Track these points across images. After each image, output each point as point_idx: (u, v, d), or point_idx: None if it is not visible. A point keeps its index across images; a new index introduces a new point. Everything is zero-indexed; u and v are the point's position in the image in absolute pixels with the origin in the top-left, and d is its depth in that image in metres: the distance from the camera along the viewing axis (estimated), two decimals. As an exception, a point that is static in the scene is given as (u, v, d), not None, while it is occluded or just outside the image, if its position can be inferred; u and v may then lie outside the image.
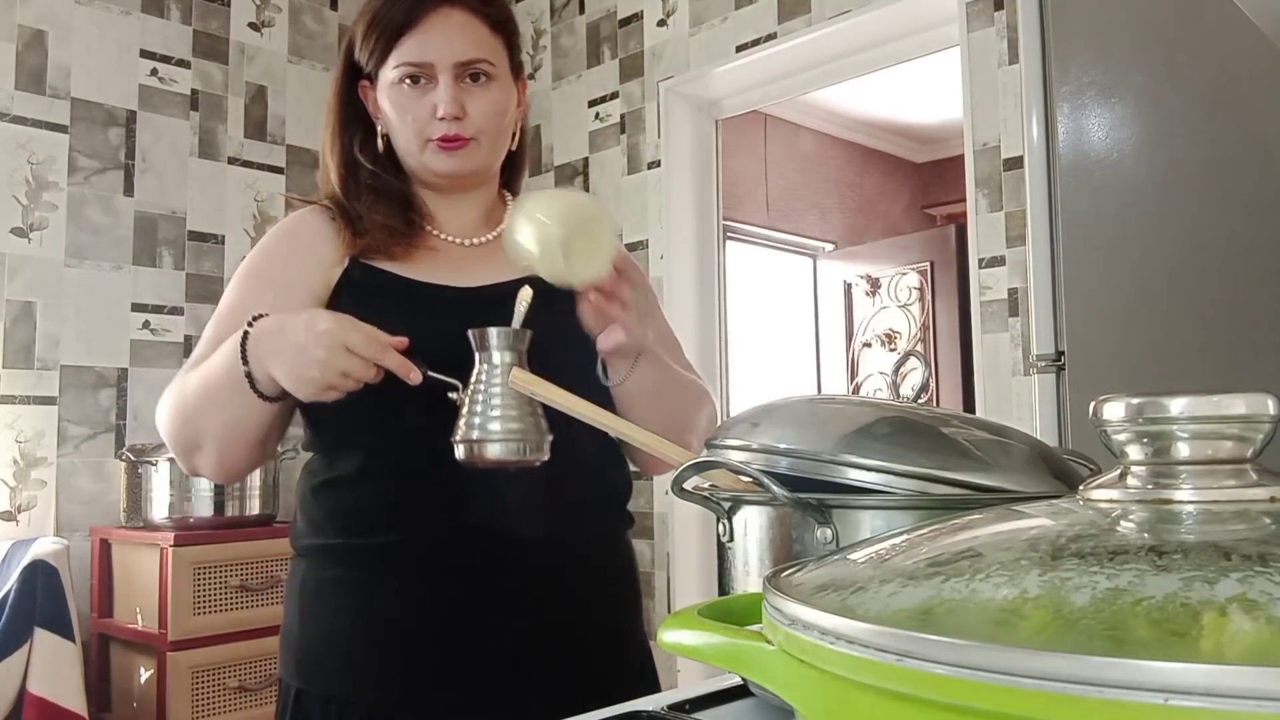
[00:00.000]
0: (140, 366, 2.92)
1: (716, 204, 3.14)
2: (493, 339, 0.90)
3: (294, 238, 1.08)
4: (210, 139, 3.11)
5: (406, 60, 1.04)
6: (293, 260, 1.06)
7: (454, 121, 1.04)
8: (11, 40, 2.74)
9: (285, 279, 1.05)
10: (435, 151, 1.06)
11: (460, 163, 1.07)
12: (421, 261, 1.08)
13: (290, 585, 1.10)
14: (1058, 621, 0.28)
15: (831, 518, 0.58)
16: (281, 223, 1.11)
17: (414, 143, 1.06)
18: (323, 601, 1.05)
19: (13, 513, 2.67)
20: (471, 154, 1.07)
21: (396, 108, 1.06)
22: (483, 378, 0.90)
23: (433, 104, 1.04)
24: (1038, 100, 1.61)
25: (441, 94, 1.04)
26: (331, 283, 1.05)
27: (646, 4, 3.08)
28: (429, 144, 1.06)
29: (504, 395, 0.88)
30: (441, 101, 1.04)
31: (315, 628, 1.06)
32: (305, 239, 1.07)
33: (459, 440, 0.89)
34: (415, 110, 1.05)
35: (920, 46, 2.65)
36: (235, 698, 2.56)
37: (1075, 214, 1.56)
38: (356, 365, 0.87)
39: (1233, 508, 0.34)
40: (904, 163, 5.26)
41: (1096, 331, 1.55)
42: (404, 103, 1.05)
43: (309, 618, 1.06)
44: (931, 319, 4.27)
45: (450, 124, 1.04)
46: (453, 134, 1.05)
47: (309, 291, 1.04)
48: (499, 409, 0.88)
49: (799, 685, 0.34)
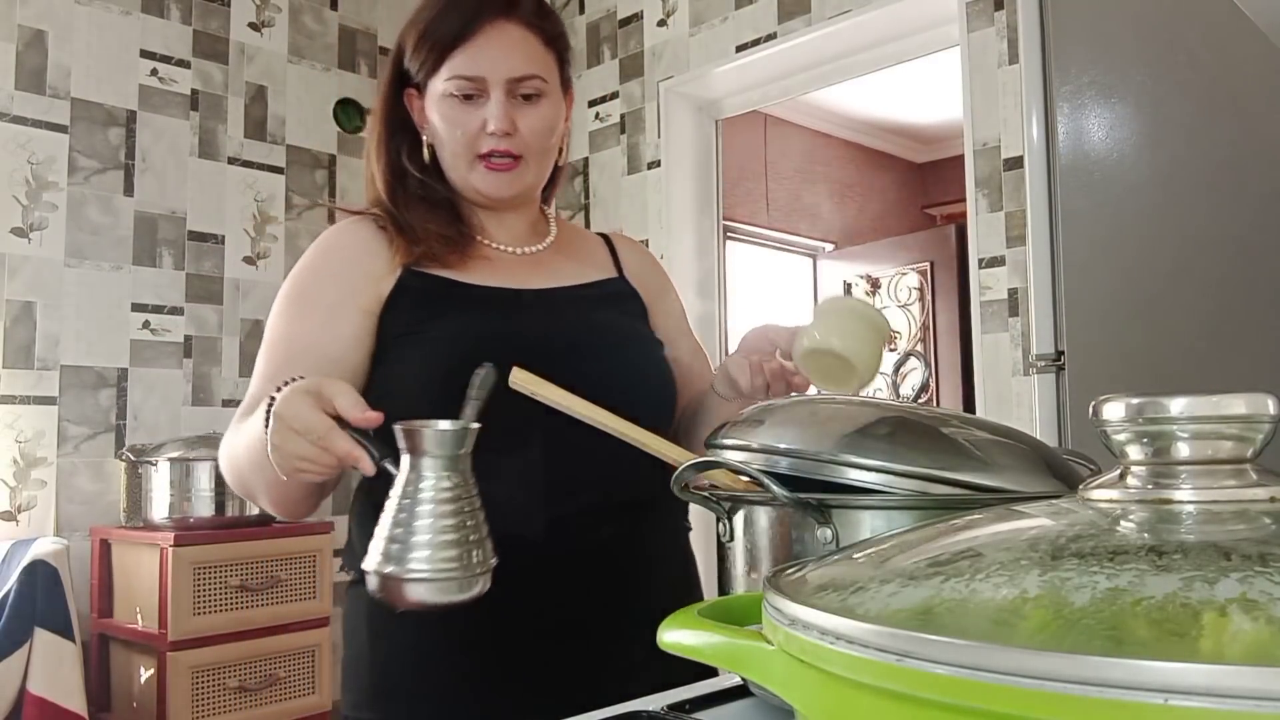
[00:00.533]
0: (140, 366, 2.92)
1: (716, 204, 3.14)
2: (427, 440, 0.74)
3: (340, 253, 1.04)
4: (210, 139, 3.11)
5: (459, 73, 1.02)
6: (340, 277, 1.01)
7: (504, 137, 1.02)
8: (11, 40, 2.74)
9: (332, 299, 1.00)
10: (484, 172, 1.04)
11: (507, 185, 1.05)
12: (476, 269, 1.05)
13: (355, 612, 1.02)
14: (1058, 621, 0.28)
15: (831, 518, 0.58)
16: (323, 237, 1.06)
17: (461, 158, 1.04)
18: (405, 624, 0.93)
19: (13, 513, 2.67)
20: (520, 175, 1.05)
21: (445, 120, 1.03)
22: (409, 489, 0.74)
23: (483, 119, 1.02)
24: (1038, 100, 1.61)
25: (493, 109, 1.02)
26: (384, 295, 1.01)
27: (646, 4, 3.08)
28: (476, 161, 1.04)
29: (434, 515, 0.73)
30: (492, 117, 1.02)
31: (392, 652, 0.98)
32: (351, 252, 1.03)
33: (371, 570, 0.74)
34: (465, 124, 1.02)
35: (920, 46, 2.65)
36: (235, 698, 2.56)
37: (1075, 214, 1.56)
38: (305, 449, 0.78)
39: (1233, 508, 0.34)
40: (904, 163, 5.26)
41: (1096, 331, 1.55)
42: (453, 116, 1.03)
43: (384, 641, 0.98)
44: (931, 319, 4.27)
45: (500, 139, 1.02)
46: (502, 149, 1.03)
47: (359, 309, 1.00)
48: (426, 534, 0.72)
49: (799, 685, 0.34)
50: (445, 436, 0.74)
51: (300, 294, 1.03)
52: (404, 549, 0.73)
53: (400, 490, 0.74)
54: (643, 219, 3.05)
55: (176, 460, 2.65)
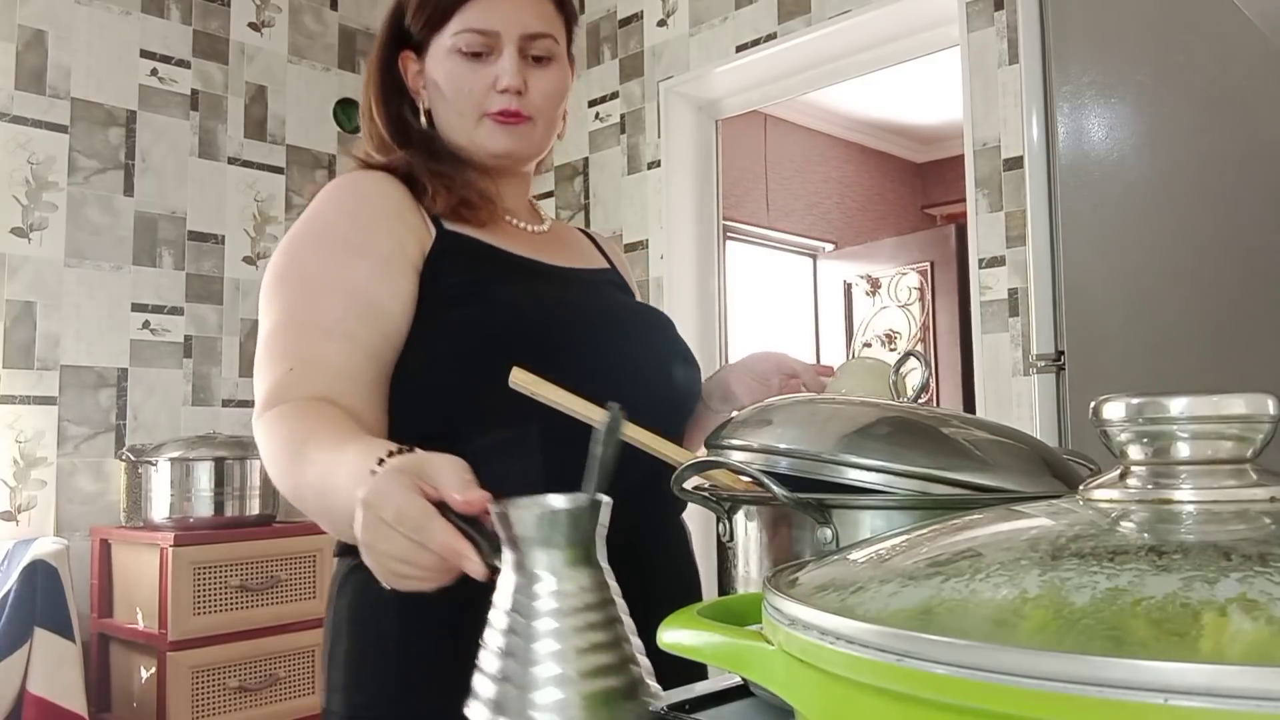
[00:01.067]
0: (140, 366, 2.92)
1: (716, 204, 3.14)
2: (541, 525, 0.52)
3: (379, 200, 0.94)
4: (210, 139, 3.11)
5: (471, 26, 0.96)
6: (388, 225, 0.92)
7: (515, 96, 0.97)
8: (11, 40, 2.74)
9: (385, 249, 0.91)
10: (491, 127, 0.98)
11: (516, 141, 1.00)
12: (503, 237, 0.99)
13: (362, 601, 0.91)
14: (1058, 621, 0.28)
15: (831, 518, 0.58)
16: (349, 184, 0.96)
17: (468, 116, 0.98)
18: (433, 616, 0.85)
19: (13, 513, 2.67)
20: (528, 134, 1.00)
21: (451, 78, 0.97)
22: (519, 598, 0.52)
23: (493, 76, 0.97)
24: (1038, 100, 1.61)
25: (505, 65, 0.97)
26: (426, 250, 0.93)
27: (646, 4, 3.08)
28: (484, 119, 0.98)
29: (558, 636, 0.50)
30: (505, 73, 0.96)
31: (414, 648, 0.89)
32: (391, 202, 0.94)
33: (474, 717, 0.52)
34: (473, 82, 0.97)
35: (920, 46, 2.65)
36: (235, 698, 2.56)
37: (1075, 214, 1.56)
38: (400, 547, 0.62)
39: (1233, 508, 0.34)
40: (904, 163, 5.26)
41: (1096, 331, 1.55)
42: (461, 73, 0.97)
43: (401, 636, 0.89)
44: (931, 319, 4.27)
45: (511, 98, 0.97)
46: (513, 108, 0.97)
47: (410, 263, 0.92)
48: (551, 665, 0.50)
49: (799, 685, 0.34)
50: (569, 518, 0.52)
51: (345, 241, 0.91)
52: (521, 694, 0.50)
53: (508, 601, 0.53)
54: (643, 219, 3.05)
55: (176, 460, 2.65)
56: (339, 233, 0.92)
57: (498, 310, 0.91)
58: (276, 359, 0.87)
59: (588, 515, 0.53)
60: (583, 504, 0.53)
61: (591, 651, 0.50)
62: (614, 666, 0.51)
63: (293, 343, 0.88)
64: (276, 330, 0.89)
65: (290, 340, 0.88)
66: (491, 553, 0.58)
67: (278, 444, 0.82)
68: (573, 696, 0.49)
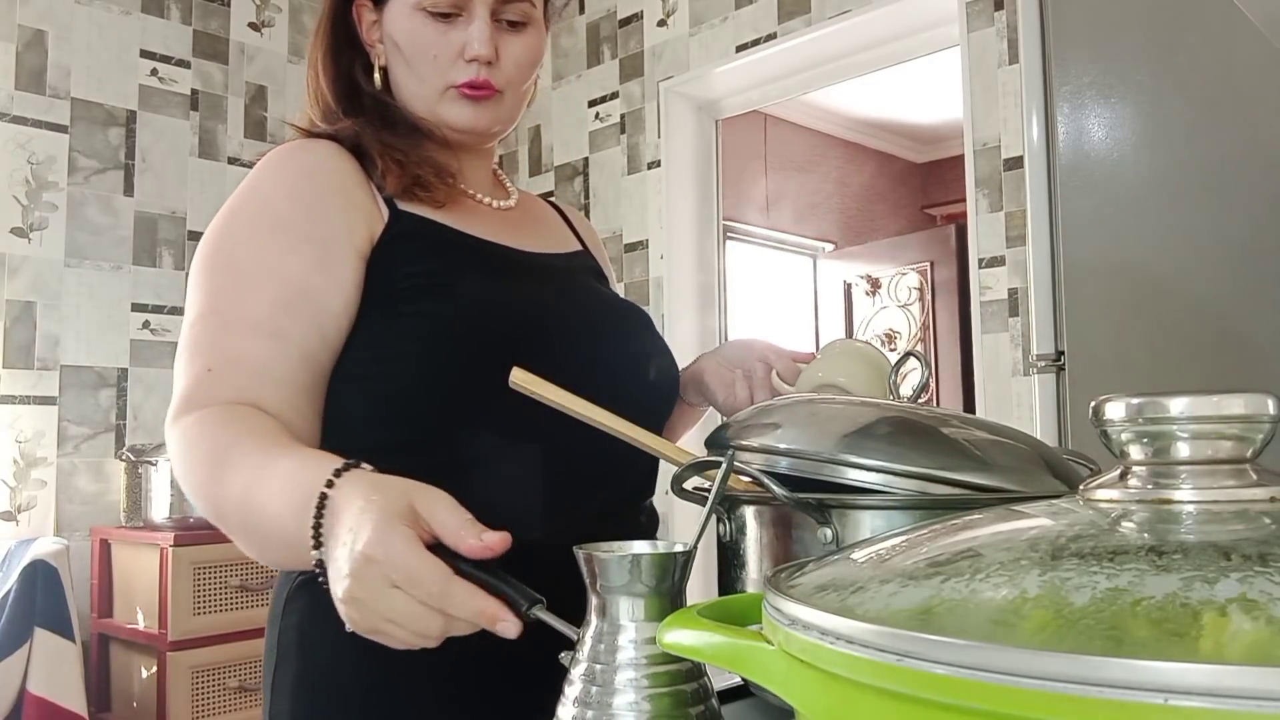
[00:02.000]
0: (140, 366, 2.92)
1: (716, 204, 3.14)
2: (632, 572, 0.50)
3: (323, 177, 0.84)
4: (210, 139, 3.11)
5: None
6: (330, 207, 0.83)
7: (484, 66, 0.88)
8: (11, 40, 2.74)
9: (325, 235, 0.81)
10: (456, 99, 0.89)
11: (483, 116, 0.90)
12: (463, 218, 0.90)
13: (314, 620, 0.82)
14: (1058, 621, 0.28)
15: (831, 518, 0.58)
16: (291, 155, 0.86)
17: (431, 85, 0.89)
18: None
19: (13, 513, 2.67)
20: (495, 108, 0.91)
21: (414, 41, 0.88)
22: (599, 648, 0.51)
23: (461, 43, 0.87)
24: (1038, 100, 1.61)
25: (476, 31, 0.87)
26: (375, 236, 0.84)
27: (646, 4, 3.08)
28: (449, 90, 0.89)
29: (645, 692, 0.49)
30: (476, 40, 0.87)
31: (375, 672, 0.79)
32: (336, 178, 0.85)
33: None
34: (439, 47, 0.87)
35: (920, 46, 2.65)
36: (235, 698, 2.56)
37: (1075, 214, 1.56)
38: (409, 611, 0.56)
39: (1233, 508, 0.34)
40: (904, 163, 5.26)
41: (1096, 331, 1.55)
42: (426, 35, 0.87)
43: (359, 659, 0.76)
44: (931, 319, 4.27)
45: (480, 68, 0.88)
46: (482, 79, 0.88)
47: (355, 251, 0.82)
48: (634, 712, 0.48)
49: (799, 685, 0.34)
50: (655, 565, 0.50)
51: (282, 223, 0.82)
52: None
53: (588, 650, 0.51)
54: (643, 219, 3.05)
55: (176, 460, 2.65)
56: (276, 212, 0.82)
57: (460, 306, 0.82)
58: (196, 356, 0.77)
59: (676, 564, 0.51)
60: (671, 552, 0.51)
61: (674, 705, 0.49)
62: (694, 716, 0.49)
63: (215, 338, 0.78)
64: (198, 323, 0.79)
65: (212, 335, 0.78)
66: (521, 601, 0.56)
67: (194, 455, 0.73)
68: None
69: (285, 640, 0.84)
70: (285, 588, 0.87)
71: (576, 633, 0.53)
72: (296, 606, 0.84)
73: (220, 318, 0.78)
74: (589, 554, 0.51)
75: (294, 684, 0.82)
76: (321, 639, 0.81)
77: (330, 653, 0.80)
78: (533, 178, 3.35)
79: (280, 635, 0.85)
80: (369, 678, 0.79)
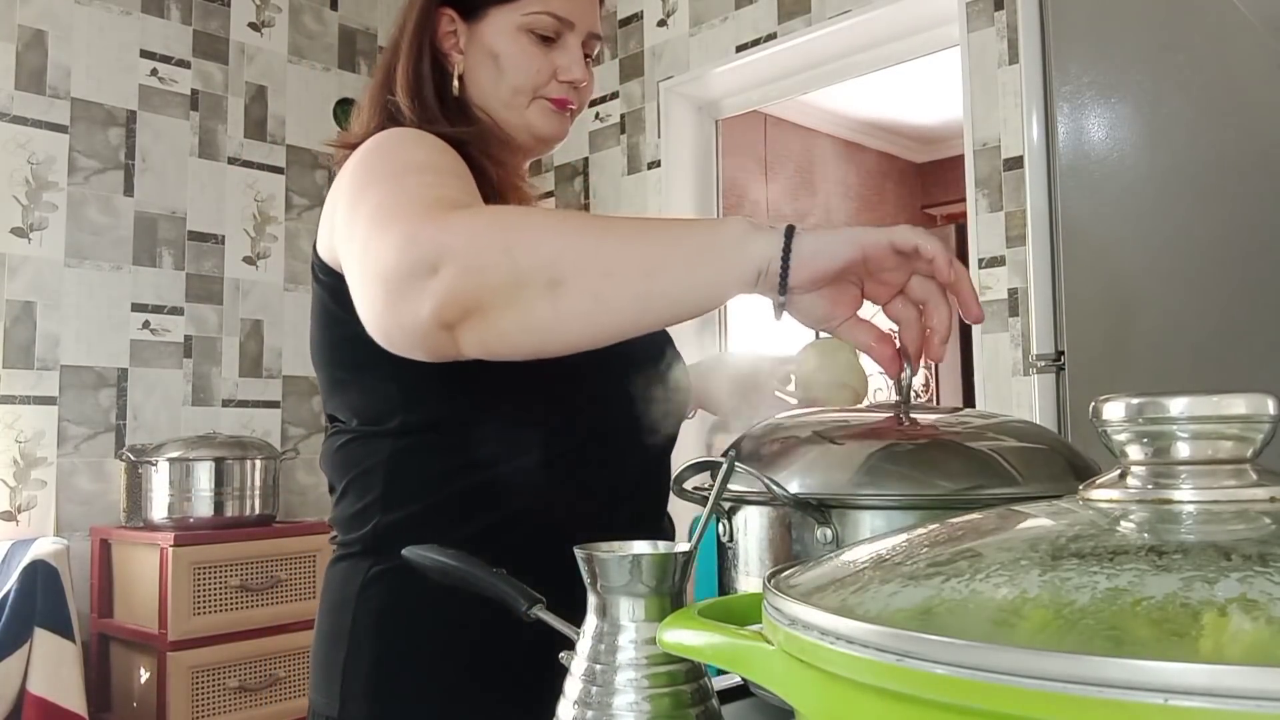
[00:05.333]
0: (140, 366, 2.92)
1: (716, 204, 3.14)
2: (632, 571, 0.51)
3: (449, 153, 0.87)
4: (210, 139, 3.11)
5: (552, 10, 0.95)
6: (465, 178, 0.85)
7: (573, 90, 0.98)
8: (11, 40, 2.74)
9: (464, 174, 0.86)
10: (546, 110, 0.98)
11: (564, 128, 1.00)
12: None
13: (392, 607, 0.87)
14: (1058, 621, 0.28)
15: (831, 518, 0.58)
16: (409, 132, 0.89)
17: (524, 95, 0.97)
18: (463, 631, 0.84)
19: (13, 513, 2.67)
20: (570, 123, 1.01)
21: (517, 56, 0.96)
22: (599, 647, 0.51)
23: (555, 65, 0.97)
24: (1038, 100, 1.61)
25: (574, 56, 0.97)
26: None
27: (646, 4, 3.08)
28: (537, 101, 0.97)
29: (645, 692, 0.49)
30: (575, 64, 0.97)
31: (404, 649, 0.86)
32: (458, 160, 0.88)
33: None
34: (540, 64, 0.96)
35: (920, 46, 2.65)
36: (235, 698, 2.56)
37: (1075, 214, 1.56)
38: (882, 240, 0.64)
39: (1233, 508, 0.34)
40: (904, 163, 5.26)
41: (1096, 331, 1.55)
42: (531, 52, 0.96)
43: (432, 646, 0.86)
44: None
45: (569, 90, 0.98)
46: (570, 99, 0.99)
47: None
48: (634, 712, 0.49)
49: (799, 685, 0.34)
50: (655, 566, 0.51)
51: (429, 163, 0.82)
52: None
53: (588, 649, 0.52)
54: (643, 219, 3.05)
55: (176, 460, 2.65)
56: (417, 157, 0.82)
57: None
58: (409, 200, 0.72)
59: (676, 564, 0.51)
60: (672, 552, 0.52)
61: (674, 706, 0.49)
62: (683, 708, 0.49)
63: (430, 190, 0.75)
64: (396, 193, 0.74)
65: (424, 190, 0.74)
66: (521, 601, 0.58)
67: (534, 213, 0.73)
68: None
69: (360, 625, 0.86)
70: (357, 576, 0.88)
71: (576, 633, 0.54)
72: (372, 594, 0.87)
73: (417, 184, 0.75)
74: (589, 554, 0.52)
75: (370, 668, 0.85)
76: (397, 625, 0.85)
77: (405, 639, 0.85)
78: (533, 178, 3.35)
79: (354, 620, 0.87)
80: (442, 664, 0.84)
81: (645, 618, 0.50)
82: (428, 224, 0.67)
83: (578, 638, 0.53)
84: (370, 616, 0.87)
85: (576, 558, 0.53)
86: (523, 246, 0.65)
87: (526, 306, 0.64)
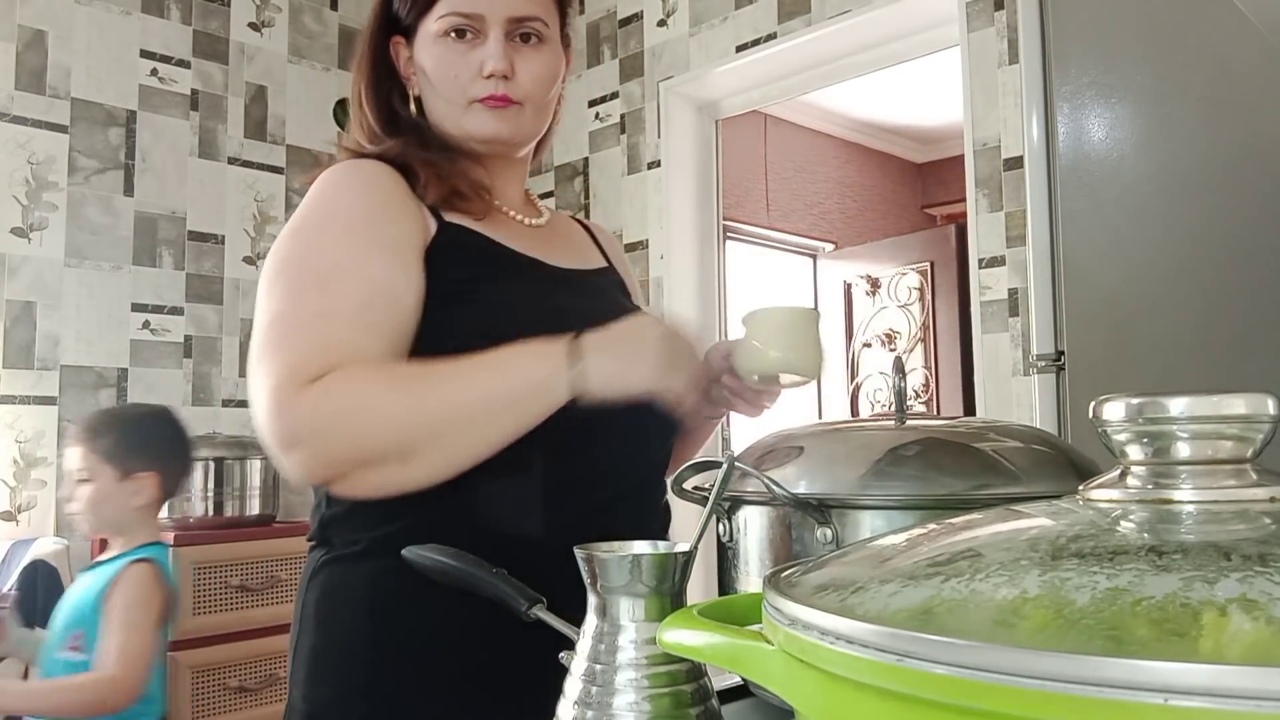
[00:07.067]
0: (140, 366, 2.92)
1: (716, 204, 3.14)
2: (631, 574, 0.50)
3: (385, 190, 0.90)
4: (210, 139, 3.11)
5: (455, 9, 0.94)
6: (396, 215, 0.89)
7: (501, 81, 0.95)
8: (11, 40, 2.74)
9: (394, 239, 0.88)
10: (479, 111, 0.96)
11: (505, 125, 0.97)
12: (500, 231, 0.96)
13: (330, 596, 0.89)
14: (1058, 621, 0.28)
15: (831, 518, 0.58)
16: (351, 171, 0.92)
17: (456, 103, 0.96)
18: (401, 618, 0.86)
19: (13, 513, 2.67)
20: (516, 118, 0.97)
21: (438, 63, 0.95)
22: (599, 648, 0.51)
23: (479, 61, 0.95)
24: (1038, 100, 1.61)
25: (491, 50, 0.94)
26: (428, 243, 0.90)
27: (646, 4, 3.08)
28: (472, 104, 0.96)
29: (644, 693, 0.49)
30: (491, 58, 0.94)
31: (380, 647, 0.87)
32: (396, 191, 0.91)
33: None
34: (459, 67, 0.95)
35: (920, 46, 2.65)
36: (235, 698, 2.56)
37: (1075, 214, 1.56)
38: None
39: (1233, 508, 0.34)
40: (904, 163, 5.26)
41: (1096, 331, 1.55)
42: (448, 58, 0.95)
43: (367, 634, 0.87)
44: (931, 319, 4.27)
45: (498, 83, 0.95)
46: (500, 94, 0.95)
47: (418, 255, 0.89)
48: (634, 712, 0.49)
49: (799, 685, 0.34)
50: (655, 566, 0.51)
51: (355, 227, 0.87)
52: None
53: (588, 650, 0.52)
54: (643, 219, 3.05)
55: (176, 460, 2.65)
56: (347, 218, 0.87)
57: (497, 312, 0.88)
58: (284, 345, 0.80)
59: (676, 564, 0.51)
60: (671, 553, 0.52)
61: (674, 706, 0.49)
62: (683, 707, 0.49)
63: (306, 328, 0.81)
64: (280, 320, 0.82)
65: (306, 325, 0.82)
66: (521, 601, 0.60)
67: (376, 385, 0.79)
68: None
69: (304, 613, 0.91)
70: (309, 566, 0.93)
71: (576, 633, 0.54)
72: (316, 584, 0.91)
73: (308, 311, 0.83)
74: (589, 554, 0.52)
75: (309, 653, 0.89)
76: (333, 613, 0.89)
77: (341, 626, 0.88)
78: (533, 178, 3.35)
79: (301, 608, 0.92)
80: (374, 652, 0.86)
81: (645, 618, 0.50)
82: (288, 401, 0.78)
83: (578, 638, 0.53)
84: (310, 607, 0.91)
85: (577, 558, 0.53)
86: (368, 435, 0.78)
87: (385, 474, 0.80)
